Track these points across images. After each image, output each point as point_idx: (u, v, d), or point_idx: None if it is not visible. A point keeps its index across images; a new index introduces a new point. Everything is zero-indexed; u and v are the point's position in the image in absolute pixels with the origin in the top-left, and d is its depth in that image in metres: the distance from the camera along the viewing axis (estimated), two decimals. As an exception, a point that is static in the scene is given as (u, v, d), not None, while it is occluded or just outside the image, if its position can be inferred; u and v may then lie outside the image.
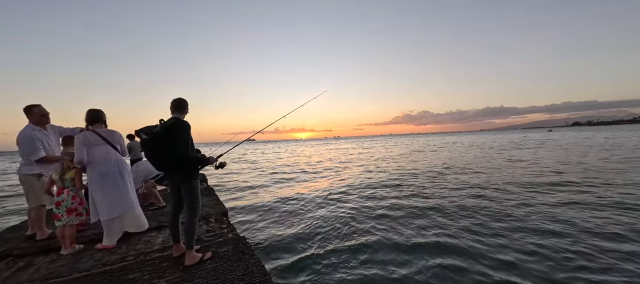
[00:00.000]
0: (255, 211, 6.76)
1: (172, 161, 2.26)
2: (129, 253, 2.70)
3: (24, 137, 2.97)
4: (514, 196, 6.85)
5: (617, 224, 4.65)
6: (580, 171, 10.12)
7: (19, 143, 3.00)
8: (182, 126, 2.28)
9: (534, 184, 8.21)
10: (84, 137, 2.80)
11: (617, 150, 17.03)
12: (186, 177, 2.33)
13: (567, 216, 5.18)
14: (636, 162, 11.39)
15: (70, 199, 2.82)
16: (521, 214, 5.40)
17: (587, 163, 11.97)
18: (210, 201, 4.58)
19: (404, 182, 9.64)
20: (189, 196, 2.36)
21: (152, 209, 4.27)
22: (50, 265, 2.52)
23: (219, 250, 2.61)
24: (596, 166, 10.99)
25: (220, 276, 2.15)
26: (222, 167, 2.59)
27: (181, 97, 2.45)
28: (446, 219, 5.32)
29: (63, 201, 2.79)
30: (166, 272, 2.25)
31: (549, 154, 16.70)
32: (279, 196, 8.42)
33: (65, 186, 2.84)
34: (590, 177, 8.70)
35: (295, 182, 11.31)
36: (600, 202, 5.97)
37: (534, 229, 4.59)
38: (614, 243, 4.00)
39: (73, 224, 2.83)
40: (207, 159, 2.47)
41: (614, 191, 6.89)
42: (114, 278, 2.20)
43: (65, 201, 2.79)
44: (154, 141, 2.22)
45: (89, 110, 2.92)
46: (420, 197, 7.24)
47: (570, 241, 4.09)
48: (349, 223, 5.39)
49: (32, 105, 3.09)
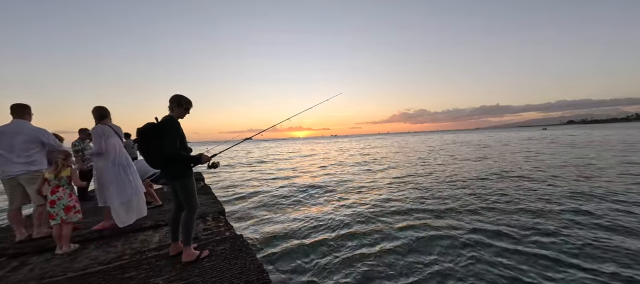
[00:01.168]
0: (252, 209, 6.75)
1: (163, 159, 2.26)
2: (126, 252, 2.68)
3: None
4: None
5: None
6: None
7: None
8: (171, 122, 2.27)
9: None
10: (102, 130, 3.14)
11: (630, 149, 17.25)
12: (177, 175, 2.32)
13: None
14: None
15: (67, 196, 2.81)
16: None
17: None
18: (207, 200, 4.55)
19: (415, 186, 9.69)
20: (183, 193, 2.36)
21: (148, 207, 4.23)
22: (44, 265, 2.49)
23: (216, 248, 2.60)
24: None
25: (217, 274, 2.15)
26: (215, 167, 2.53)
27: (179, 94, 2.39)
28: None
29: (59, 199, 2.76)
30: (163, 270, 2.24)
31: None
32: (277, 194, 8.41)
33: (61, 184, 2.82)
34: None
35: (294, 180, 11.30)
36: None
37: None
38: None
39: (71, 222, 2.82)
40: (198, 158, 2.42)
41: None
42: (110, 277, 2.18)
43: (62, 199, 2.77)
44: (145, 139, 2.24)
45: (97, 107, 3.22)
46: (419, 195, 7.30)
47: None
48: (348, 222, 5.40)
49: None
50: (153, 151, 2.26)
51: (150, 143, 2.24)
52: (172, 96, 2.38)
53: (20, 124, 3.02)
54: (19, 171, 2.97)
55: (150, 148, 2.26)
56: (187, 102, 2.43)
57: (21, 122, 3.04)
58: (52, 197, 2.76)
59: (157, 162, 2.31)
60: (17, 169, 2.96)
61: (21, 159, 2.96)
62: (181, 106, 2.40)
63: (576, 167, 10.45)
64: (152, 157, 2.30)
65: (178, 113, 2.40)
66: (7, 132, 2.94)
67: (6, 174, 2.96)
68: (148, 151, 2.28)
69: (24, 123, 3.05)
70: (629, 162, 10.88)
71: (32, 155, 3.03)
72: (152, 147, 2.25)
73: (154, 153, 2.27)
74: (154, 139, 2.23)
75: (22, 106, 3.09)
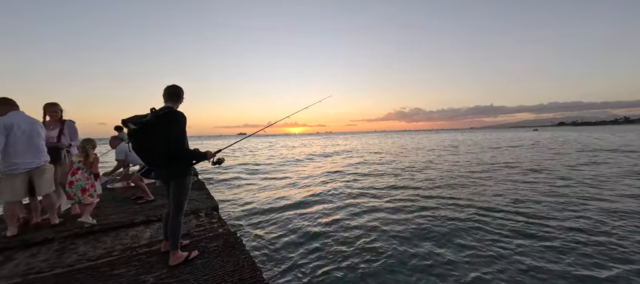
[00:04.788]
0: (246, 205, 6.71)
1: (163, 155, 2.05)
2: (115, 248, 2.62)
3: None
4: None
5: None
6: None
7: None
8: (177, 116, 2.07)
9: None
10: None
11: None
12: (179, 172, 2.15)
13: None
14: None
15: (85, 179, 3.13)
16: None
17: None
18: (200, 195, 4.49)
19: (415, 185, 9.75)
20: (178, 193, 2.16)
21: (140, 202, 4.16)
22: (30, 260, 2.42)
23: (209, 245, 2.57)
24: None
25: (209, 271, 2.11)
26: (219, 164, 2.43)
27: (176, 84, 2.22)
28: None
29: (77, 180, 3.07)
30: (154, 267, 2.19)
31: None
32: (271, 190, 8.38)
33: (81, 167, 3.13)
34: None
35: (289, 176, 11.27)
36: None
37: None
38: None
39: (86, 204, 3.13)
40: (204, 154, 2.25)
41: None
42: (98, 274, 2.13)
43: (80, 181, 3.08)
44: (143, 132, 1.99)
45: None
46: (415, 192, 7.36)
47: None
48: (344, 219, 5.42)
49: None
50: (151, 145, 2.02)
51: (150, 137, 2.00)
52: (169, 86, 2.20)
53: (26, 116, 2.95)
54: (37, 163, 2.94)
55: (149, 142, 2.01)
56: (183, 93, 2.28)
57: (23, 113, 2.96)
58: (71, 178, 3.07)
59: (153, 158, 2.08)
60: (36, 161, 2.94)
61: (38, 151, 2.96)
62: (180, 97, 2.25)
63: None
64: (148, 152, 2.06)
65: (177, 105, 2.23)
66: (22, 123, 2.85)
67: (23, 166, 2.86)
68: (145, 145, 2.03)
69: (25, 115, 2.97)
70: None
71: (41, 147, 3.02)
72: (150, 141, 2.01)
73: (151, 148, 2.03)
74: (156, 132, 2.00)
75: (10, 99, 2.98)
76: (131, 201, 4.30)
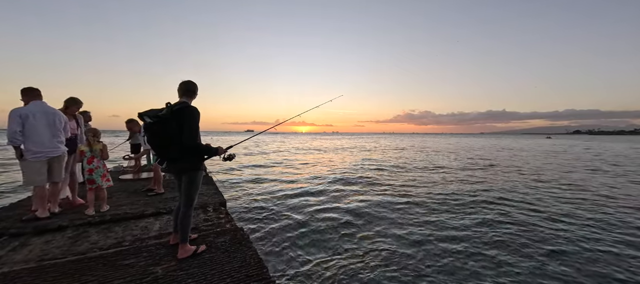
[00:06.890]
0: (254, 201, 6.74)
1: (177, 149, 2.09)
2: (126, 238, 2.67)
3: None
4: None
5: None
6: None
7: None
8: (192, 111, 2.11)
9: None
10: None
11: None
12: (191, 167, 2.19)
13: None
14: None
15: (102, 166, 3.42)
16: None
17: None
18: (209, 190, 4.54)
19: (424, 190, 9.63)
20: (189, 186, 2.22)
21: (150, 194, 4.23)
22: (44, 246, 2.49)
23: (216, 240, 2.58)
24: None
25: (217, 266, 2.13)
26: (230, 160, 2.45)
27: (190, 80, 2.27)
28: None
29: (96, 168, 3.35)
30: (163, 259, 2.22)
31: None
32: (279, 187, 8.41)
33: (96, 155, 3.37)
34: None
35: (297, 173, 11.29)
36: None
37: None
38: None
39: (104, 188, 3.41)
40: (216, 149, 2.31)
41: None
42: (109, 263, 2.17)
43: (99, 169, 3.37)
44: (159, 126, 2.05)
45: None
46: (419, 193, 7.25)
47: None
48: (350, 218, 5.38)
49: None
50: (166, 139, 2.07)
51: (165, 130, 2.05)
52: (183, 82, 2.24)
53: (46, 106, 3.11)
54: (58, 151, 3.16)
55: (164, 136, 2.06)
56: (197, 89, 2.33)
57: (43, 103, 3.11)
58: (90, 166, 3.32)
59: (167, 151, 2.12)
60: (62, 148, 3.21)
61: (58, 140, 3.16)
62: (195, 92, 2.30)
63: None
64: (162, 146, 2.11)
65: (191, 101, 2.29)
66: (49, 112, 3.06)
67: (46, 154, 3.04)
68: (160, 138, 2.08)
69: (46, 105, 3.13)
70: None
71: (60, 135, 3.20)
72: (165, 135, 2.06)
73: (165, 141, 2.08)
74: (171, 126, 2.04)
75: (34, 88, 3.12)
76: (142, 192, 4.39)
